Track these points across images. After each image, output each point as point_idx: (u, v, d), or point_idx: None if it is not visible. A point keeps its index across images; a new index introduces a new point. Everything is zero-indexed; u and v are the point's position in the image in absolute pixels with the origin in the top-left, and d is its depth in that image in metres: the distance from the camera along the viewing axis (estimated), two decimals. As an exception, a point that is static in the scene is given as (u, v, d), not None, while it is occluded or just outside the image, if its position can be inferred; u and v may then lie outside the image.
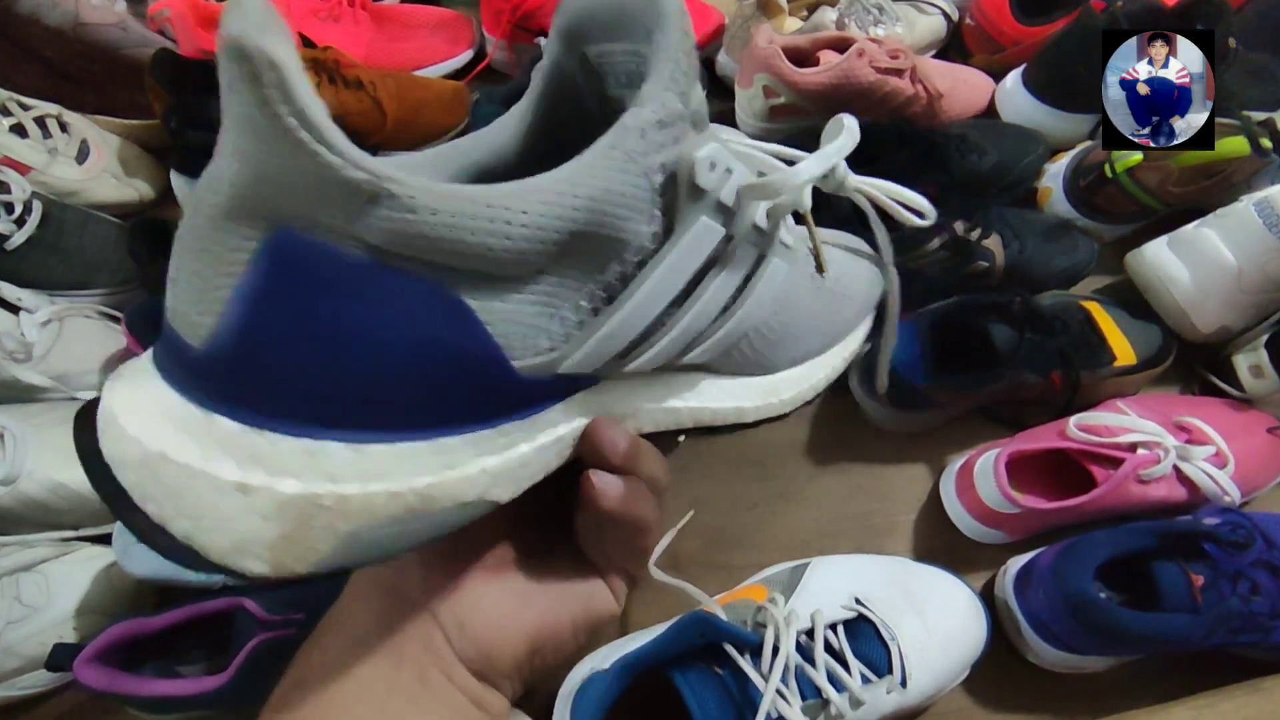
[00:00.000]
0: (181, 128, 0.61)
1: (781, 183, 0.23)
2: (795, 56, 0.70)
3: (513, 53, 0.82)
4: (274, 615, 0.44)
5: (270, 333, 0.17)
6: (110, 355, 0.60)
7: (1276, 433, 0.54)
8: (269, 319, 0.17)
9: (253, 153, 0.16)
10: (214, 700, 0.44)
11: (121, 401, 0.18)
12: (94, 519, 0.53)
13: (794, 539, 0.56)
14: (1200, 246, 0.57)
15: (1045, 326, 0.54)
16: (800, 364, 0.32)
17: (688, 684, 0.40)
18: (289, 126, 0.15)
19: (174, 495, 0.17)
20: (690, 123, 0.21)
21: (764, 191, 0.23)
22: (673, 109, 0.20)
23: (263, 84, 0.15)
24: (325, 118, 0.15)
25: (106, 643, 0.44)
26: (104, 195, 0.69)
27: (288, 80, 0.15)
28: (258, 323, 0.17)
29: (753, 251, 0.25)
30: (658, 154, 0.20)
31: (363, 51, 0.80)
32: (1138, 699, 0.46)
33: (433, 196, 0.17)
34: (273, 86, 0.15)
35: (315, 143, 0.15)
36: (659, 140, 0.20)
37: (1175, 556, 0.46)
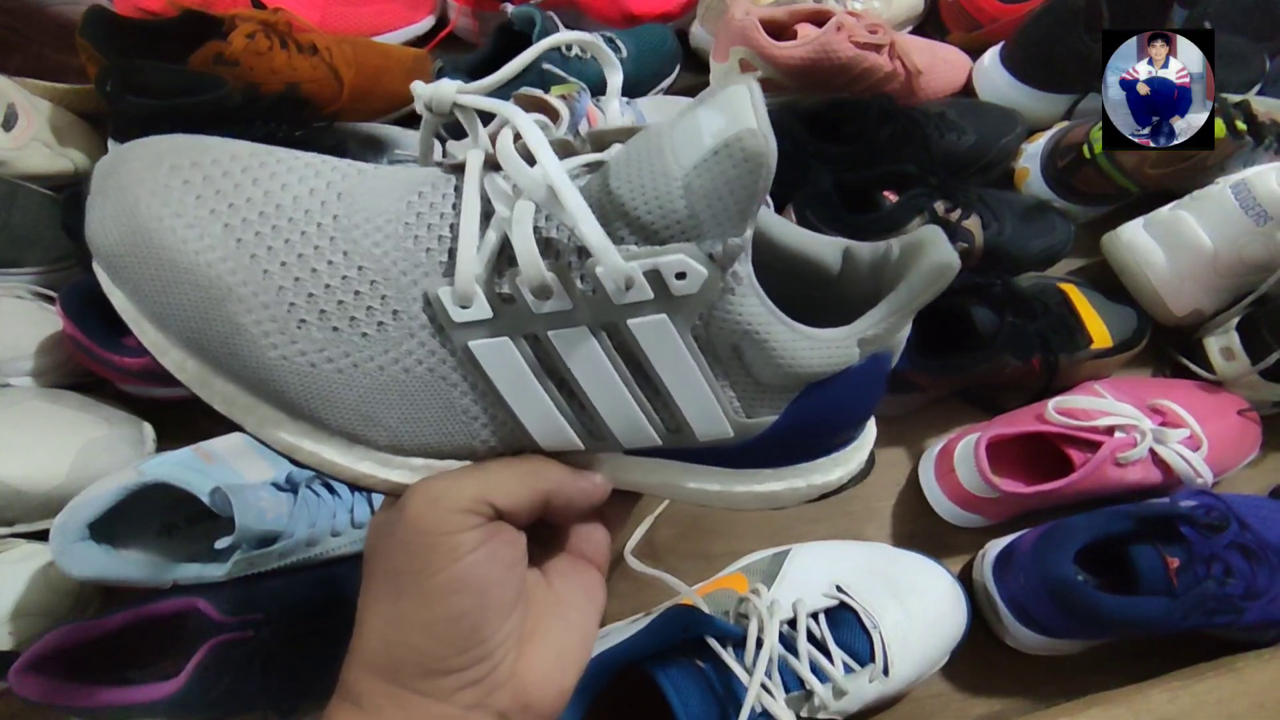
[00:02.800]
0: (118, 93, 0.57)
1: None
2: (772, 29, 0.68)
3: (477, 19, 0.79)
4: (230, 617, 0.42)
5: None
6: (44, 339, 0.55)
7: (1247, 415, 0.55)
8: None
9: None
10: (167, 708, 0.41)
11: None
12: (30, 514, 0.49)
13: (772, 526, 0.55)
14: (1176, 229, 0.57)
15: (1026, 310, 0.53)
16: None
17: (670, 680, 0.39)
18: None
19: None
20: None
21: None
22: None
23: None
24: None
25: (45, 649, 0.41)
26: (34, 165, 0.64)
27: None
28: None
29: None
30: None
31: (317, 15, 0.75)
32: (1114, 680, 0.46)
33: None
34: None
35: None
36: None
37: (1151, 539, 0.46)
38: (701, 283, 0.21)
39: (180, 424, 0.55)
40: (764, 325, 0.23)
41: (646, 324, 0.22)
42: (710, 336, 0.23)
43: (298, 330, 0.22)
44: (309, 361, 0.22)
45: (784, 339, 0.23)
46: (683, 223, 0.21)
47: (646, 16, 0.77)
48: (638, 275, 0.21)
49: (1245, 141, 0.57)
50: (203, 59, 0.59)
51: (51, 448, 0.50)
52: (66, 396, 0.54)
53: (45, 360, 0.56)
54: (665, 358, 0.23)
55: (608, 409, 0.24)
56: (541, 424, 0.24)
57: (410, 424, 0.23)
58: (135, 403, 0.56)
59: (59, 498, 0.46)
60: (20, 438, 0.50)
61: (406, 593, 0.22)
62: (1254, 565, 0.45)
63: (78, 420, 0.52)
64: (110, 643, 0.43)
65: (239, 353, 0.22)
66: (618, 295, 0.21)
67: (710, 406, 0.24)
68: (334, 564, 0.47)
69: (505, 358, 0.23)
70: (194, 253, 0.21)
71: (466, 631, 0.22)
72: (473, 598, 0.22)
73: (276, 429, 0.23)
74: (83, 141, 0.68)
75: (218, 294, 0.21)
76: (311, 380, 0.22)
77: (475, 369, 0.23)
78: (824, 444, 0.27)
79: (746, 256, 0.22)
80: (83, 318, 0.51)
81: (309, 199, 0.22)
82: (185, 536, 0.48)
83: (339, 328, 0.22)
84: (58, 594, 0.47)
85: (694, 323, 0.22)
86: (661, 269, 0.21)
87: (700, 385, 0.24)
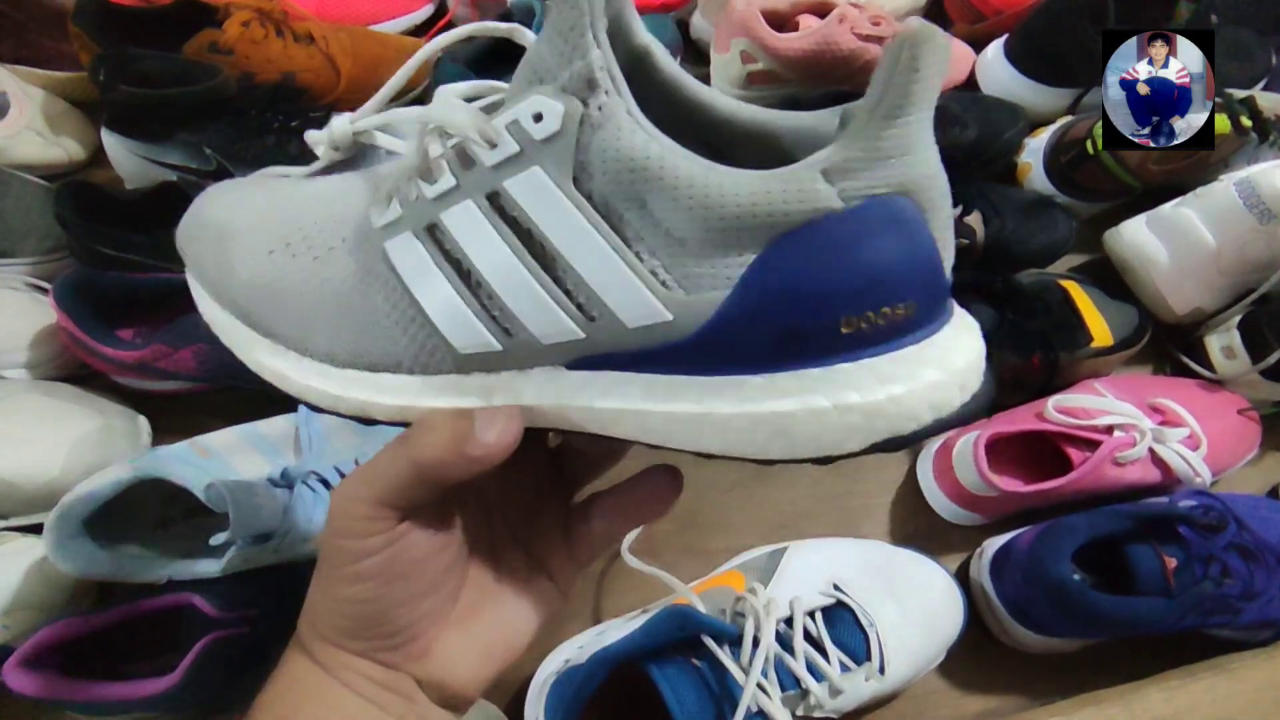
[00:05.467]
0: (112, 81, 0.56)
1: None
2: (774, 20, 0.67)
3: (475, 9, 0.78)
4: (225, 613, 0.42)
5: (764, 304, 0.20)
6: (38, 331, 0.55)
7: (1247, 414, 0.55)
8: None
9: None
10: (162, 702, 0.41)
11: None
12: (24, 508, 0.49)
13: (770, 522, 0.55)
14: (1179, 226, 0.56)
15: (1026, 307, 0.53)
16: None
17: (666, 679, 0.39)
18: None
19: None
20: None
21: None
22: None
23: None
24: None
25: (40, 644, 0.41)
26: (27, 155, 0.63)
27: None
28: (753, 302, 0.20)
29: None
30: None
31: (313, 4, 0.74)
32: (1110, 679, 0.46)
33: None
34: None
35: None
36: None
37: (1149, 539, 0.46)
38: (560, 119, 0.19)
39: (175, 418, 0.55)
40: (656, 161, 0.19)
41: (520, 180, 0.21)
42: (601, 191, 0.20)
43: (266, 258, 0.26)
44: (268, 280, 0.26)
45: (689, 175, 0.19)
46: (536, 70, 0.20)
47: (647, 7, 0.76)
48: (496, 128, 0.21)
49: (1250, 138, 0.57)
50: (197, 47, 0.58)
51: (46, 441, 0.50)
52: (61, 389, 0.54)
53: (39, 352, 0.55)
54: (549, 217, 0.21)
55: (508, 291, 0.22)
56: (450, 320, 0.23)
57: (341, 331, 0.25)
58: (130, 396, 0.56)
59: (53, 491, 0.46)
60: (14, 431, 0.49)
61: (320, 573, 0.25)
62: (1251, 566, 0.45)
63: (72, 413, 0.52)
64: (105, 637, 0.43)
65: (226, 280, 0.26)
66: (486, 155, 0.21)
67: (621, 276, 0.20)
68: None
69: (410, 249, 0.23)
70: (222, 215, 0.28)
71: (369, 617, 0.25)
72: (374, 589, 0.24)
73: (251, 349, 0.26)
74: (76, 130, 0.67)
75: (227, 239, 0.27)
76: (265, 296, 0.26)
77: (392, 271, 0.24)
78: (828, 334, 0.20)
79: (615, 87, 0.19)
80: (77, 310, 0.51)
81: (326, 187, 0.27)
82: (180, 531, 0.47)
83: (297, 255, 0.25)
84: (52, 588, 0.47)
85: (575, 172, 0.20)
86: (519, 118, 0.20)
87: (601, 249, 0.20)
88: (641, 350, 0.21)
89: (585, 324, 0.21)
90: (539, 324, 0.22)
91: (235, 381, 0.53)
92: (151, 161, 0.60)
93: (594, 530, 0.30)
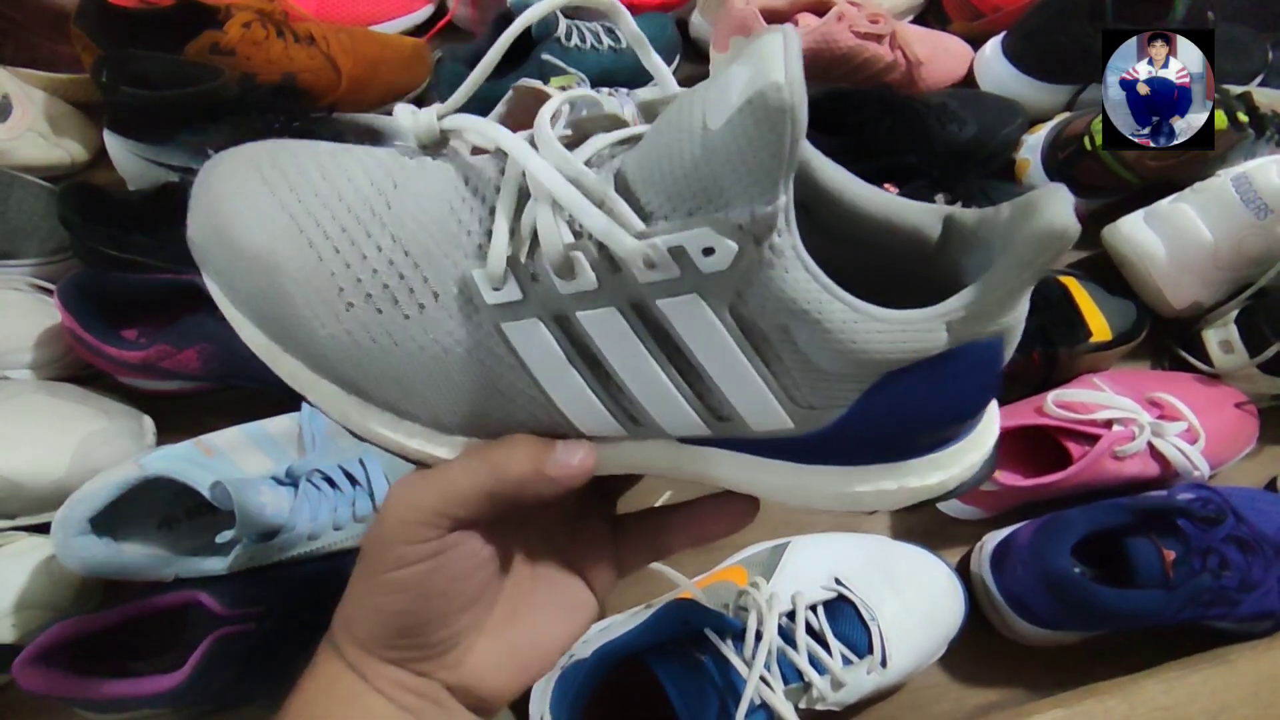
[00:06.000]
0: (113, 82, 0.56)
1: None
2: (773, 18, 0.67)
3: (476, 9, 0.78)
4: (232, 610, 0.42)
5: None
6: (43, 331, 0.55)
7: (1245, 408, 0.55)
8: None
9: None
10: (170, 699, 0.42)
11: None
12: (31, 507, 0.50)
13: (771, 516, 0.54)
14: (1177, 222, 0.57)
15: (1026, 303, 0.53)
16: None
17: (669, 674, 0.39)
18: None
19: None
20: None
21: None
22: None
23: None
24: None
25: (48, 642, 0.41)
26: (30, 156, 0.64)
27: None
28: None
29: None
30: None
31: (314, 4, 0.75)
32: (1109, 671, 0.46)
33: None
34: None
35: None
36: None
37: (1148, 532, 0.47)
38: (731, 258, 0.19)
39: (180, 417, 0.55)
40: (815, 303, 0.20)
41: (677, 304, 0.21)
42: (753, 316, 0.21)
43: (346, 313, 0.23)
44: (354, 340, 0.23)
45: (841, 319, 0.20)
46: (707, 190, 0.19)
47: (646, 6, 0.77)
48: (658, 253, 0.20)
49: (1247, 134, 0.57)
50: (199, 49, 0.59)
51: (51, 441, 0.50)
52: (66, 389, 0.54)
53: (44, 353, 0.55)
54: (701, 339, 0.21)
55: (643, 393, 0.23)
56: (576, 407, 0.23)
57: (448, 401, 0.24)
58: (135, 396, 0.56)
59: (60, 491, 0.46)
60: (20, 431, 0.50)
61: (361, 576, 0.25)
62: (1249, 558, 0.46)
63: (77, 413, 0.52)
64: (113, 636, 0.43)
65: (295, 331, 0.24)
66: (642, 274, 0.20)
67: (759, 393, 0.22)
68: (336, 557, 0.47)
69: (536, 339, 0.22)
70: (259, 240, 0.23)
71: (404, 627, 0.24)
72: (412, 602, 0.24)
73: (334, 403, 0.25)
74: (78, 132, 0.68)
75: (278, 277, 0.23)
76: (356, 357, 0.24)
77: (510, 351, 0.23)
78: (915, 442, 0.23)
79: (788, 226, 0.19)
80: (81, 310, 0.51)
81: (369, 189, 0.23)
82: (186, 530, 0.48)
83: (383, 310, 0.23)
84: (60, 587, 0.47)
85: (731, 301, 0.20)
86: (686, 245, 0.19)
87: (745, 369, 0.22)
88: (753, 440, 0.24)
89: (714, 423, 0.23)
90: (669, 419, 0.23)
91: (239, 381, 0.54)
92: (154, 163, 0.60)
93: (659, 543, 0.29)
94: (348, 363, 0.24)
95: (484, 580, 0.26)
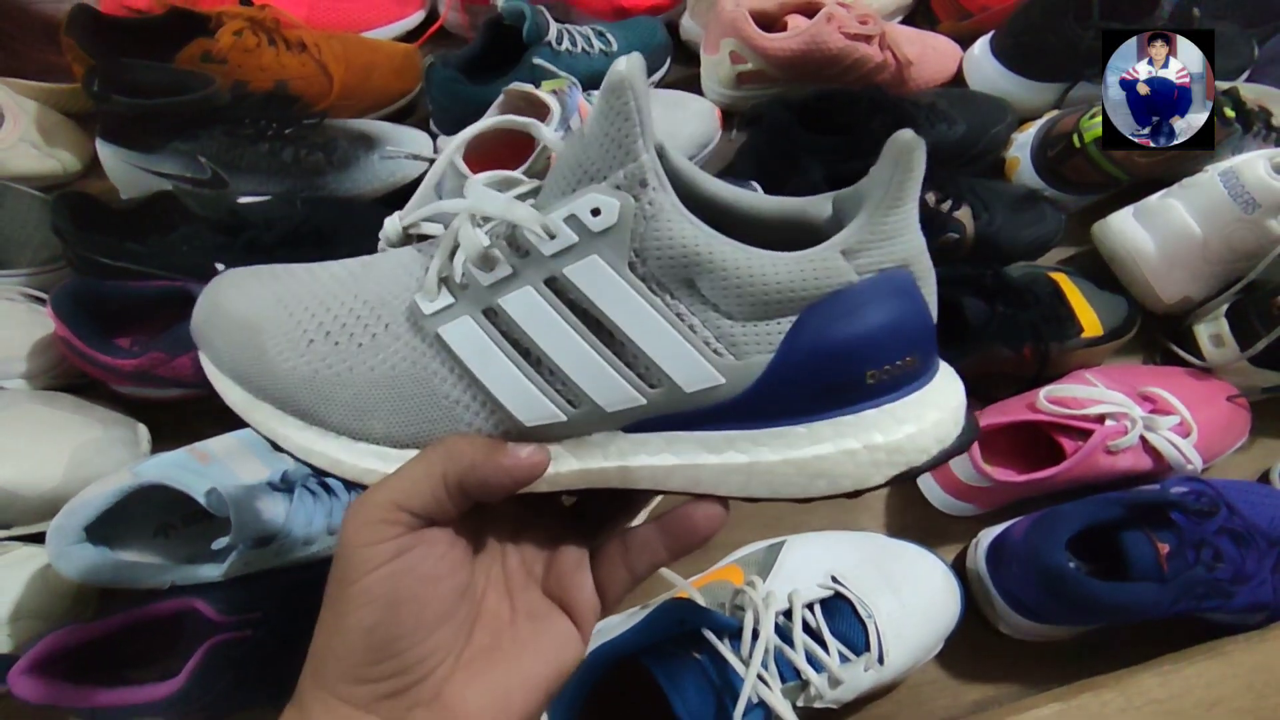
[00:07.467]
0: (105, 92, 0.56)
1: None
2: (762, 20, 0.68)
3: (467, 14, 0.78)
4: (228, 616, 0.42)
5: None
6: (36, 341, 0.55)
7: (1236, 401, 0.56)
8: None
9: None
10: (167, 706, 0.41)
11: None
12: (26, 517, 0.49)
13: (767, 515, 0.55)
14: (1166, 217, 0.57)
15: (1016, 299, 0.54)
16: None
17: (666, 674, 0.39)
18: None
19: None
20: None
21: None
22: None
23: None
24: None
25: (44, 651, 0.41)
26: (22, 166, 0.64)
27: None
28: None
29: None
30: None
31: (304, 11, 0.75)
32: (1105, 665, 0.46)
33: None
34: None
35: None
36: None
37: (1142, 526, 0.47)
38: (616, 213, 0.22)
39: (175, 424, 0.55)
40: (705, 249, 0.22)
41: (581, 268, 0.23)
42: (653, 273, 0.23)
43: (307, 348, 0.26)
44: (312, 370, 0.26)
45: (735, 261, 0.22)
46: (586, 170, 0.22)
47: (636, 9, 0.77)
48: (555, 222, 0.23)
49: (1234, 129, 0.58)
50: (190, 57, 0.59)
51: (46, 450, 0.50)
52: (60, 399, 0.54)
53: (38, 362, 0.55)
54: (610, 299, 0.23)
55: (572, 368, 0.24)
56: (515, 396, 0.25)
57: (400, 415, 0.26)
58: (129, 404, 0.56)
59: (55, 500, 0.46)
60: (15, 440, 0.50)
61: (329, 599, 0.24)
62: (1243, 550, 0.46)
63: (72, 422, 0.52)
64: (109, 644, 0.43)
65: (263, 373, 0.27)
66: (545, 245, 0.23)
67: (679, 348, 0.23)
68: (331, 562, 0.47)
69: (468, 334, 0.25)
70: (246, 309, 0.27)
71: (378, 644, 0.23)
72: (382, 611, 0.23)
73: (296, 435, 0.27)
74: (70, 141, 0.68)
75: (257, 335, 0.27)
76: (313, 384, 0.26)
77: (449, 354, 0.25)
78: (859, 383, 0.23)
79: (660, 184, 0.22)
80: (75, 319, 0.51)
81: (342, 272, 0.28)
82: (182, 537, 0.48)
83: (340, 342, 0.26)
84: (56, 596, 0.47)
85: (630, 259, 0.23)
86: (575, 211, 0.22)
87: (659, 325, 0.23)
88: (695, 411, 0.24)
89: (647, 391, 0.24)
90: (603, 394, 0.24)
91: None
92: (146, 171, 0.60)
93: (637, 563, 0.28)
94: (307, 392, 0.26)
95: (455, 588, 0.25)
